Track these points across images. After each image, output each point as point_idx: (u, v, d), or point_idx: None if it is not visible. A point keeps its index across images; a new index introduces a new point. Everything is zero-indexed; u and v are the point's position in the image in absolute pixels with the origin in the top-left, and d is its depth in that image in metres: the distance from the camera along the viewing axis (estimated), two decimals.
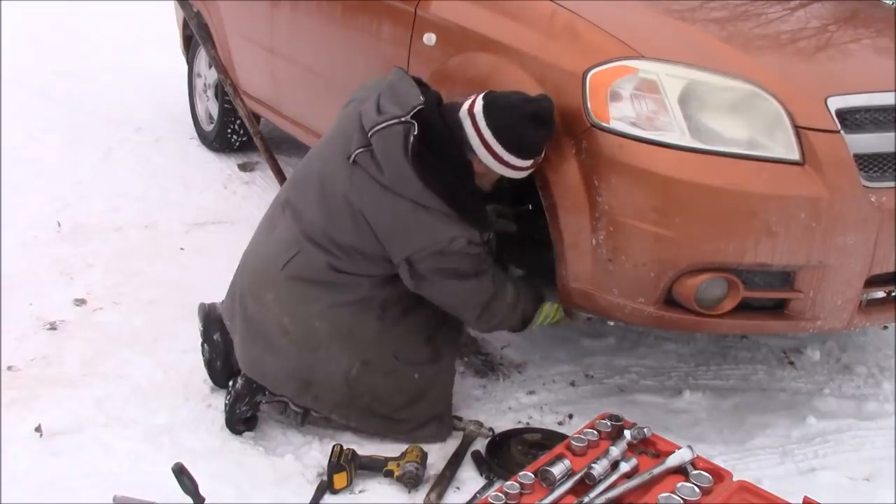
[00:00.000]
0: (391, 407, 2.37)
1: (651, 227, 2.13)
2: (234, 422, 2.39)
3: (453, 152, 2.21)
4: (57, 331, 2.90)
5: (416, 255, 2.19)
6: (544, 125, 2.18)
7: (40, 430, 2.33)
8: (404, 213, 2.17)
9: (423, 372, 2.37)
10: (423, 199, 2.16)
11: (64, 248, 3.51)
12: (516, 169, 2.23)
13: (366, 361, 2.31)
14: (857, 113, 2.23)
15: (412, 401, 2.37)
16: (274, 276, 2.32)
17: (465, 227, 2.18)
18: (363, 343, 2.31)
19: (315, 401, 2.35)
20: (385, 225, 2.20)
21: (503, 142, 2.18)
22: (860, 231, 2.17)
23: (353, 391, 2.32)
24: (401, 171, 2.16)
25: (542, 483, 2.03)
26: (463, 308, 2.33)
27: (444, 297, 2.30)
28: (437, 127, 2.20)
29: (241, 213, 4.01)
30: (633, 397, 2.69)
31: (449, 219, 2.17)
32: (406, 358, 2.35)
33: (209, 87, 4.72)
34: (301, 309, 2.30)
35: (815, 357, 2.96)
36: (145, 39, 7.03)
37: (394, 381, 2.35)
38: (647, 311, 2.23)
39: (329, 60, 3.38)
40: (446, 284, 2.24)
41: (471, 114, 2.21)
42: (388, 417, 2.37)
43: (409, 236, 2.19)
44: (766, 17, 2.66)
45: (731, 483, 2.03)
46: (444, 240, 2.16)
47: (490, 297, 2.29)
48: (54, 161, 4.47)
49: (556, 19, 2.39)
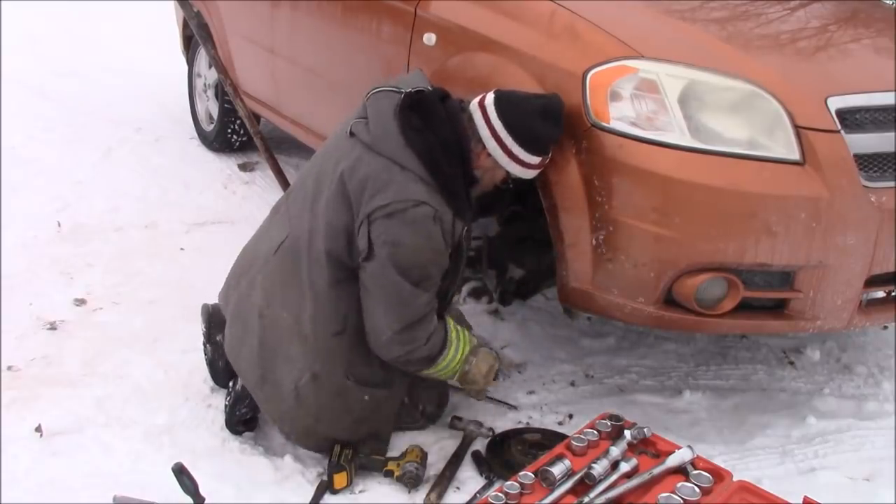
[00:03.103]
0: (334, 428, 2.27)
1: (651, 227, 2.13)
2: (234, 423, 2.39)
3: (446, 130, 2.15)
4: (57, 331, 2.90)
5: (378, 213, 2.06)
6: (554, 121, 2.17)
7: (40, 430, 2.33)
8: (380, 169, 2.09)
9: (373, 395, 2.26)
10: (401, 158, 2.09)
11: (64, 248, 3.51)
12: (524, 165, 2.20)
13: (316, 374, 2.21)
14: (857, 113, 2.23)
15: (356, 422, 2.28)
16: (266, 259, 2.31)
17: (440, 199, 2.09)
18: (317, 352, 2.21)
19: (266, 402, 2.29)
20: (358, 178, 2.11)
21: (513, 133, 2.15)
22: (860, 231, 2.17)
23: (298, 404, 2.23)
24: (385, 128, 2.13)
25: (542, 483, 2.03)
26: (388, 313, 2.13)
27: (378, 290, 2.12)
28: (433, 105, 2.18)
29: (241, 213, 4.01)
30: (633, 397, 2.69)
31: (424, 183, 2.08)
32: (358, 378, 2.24)
33: (209, 87, 4.72)
34: (278, 296, 2.26)
35: (815, 357, 2.96)
36: (145, 39, 7.03)
37: (341, 403, 2.25)
38: (647, 311, 2.23)
39: (329, 60, 3.38)
40: (388, 272, 2.08)
41: (482, 106, 2.19)
42: (328, 438, 2.28)
43: (378, 190, 2.07)
44: (766, 17, 2.66)
45: (731, 483, 2.03)
46: (409, 199, 2.05)
47: (421, 316, 2.14)
48: (54, 161, 4.47)
49: (555, 19, 2.39)
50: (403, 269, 2.09)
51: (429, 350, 2.19)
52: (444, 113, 2.18)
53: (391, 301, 2.13)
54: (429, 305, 2.17)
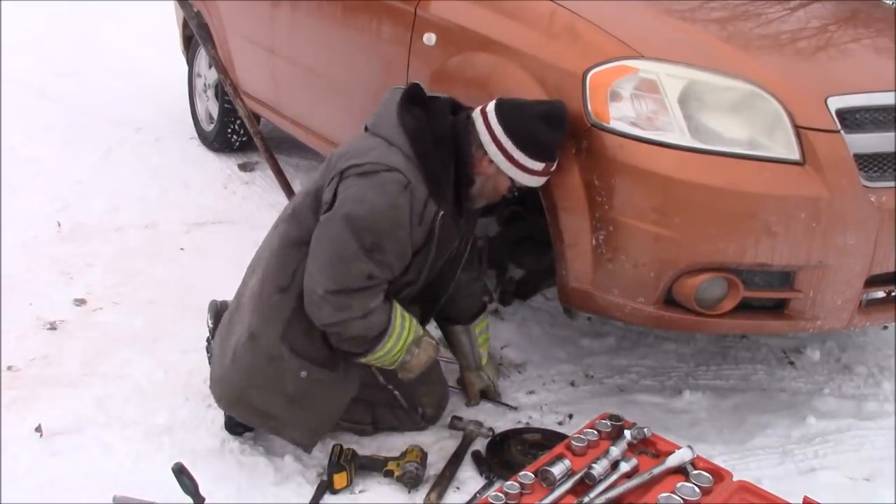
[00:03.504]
0: (266, 400, 2.22)
1: (651, 227, 2.13)
2: (234, 423, 2.39)
3: (443, 126, 2.18)
4: (57, 331, 2.90)
5: (351, 171, 2.10)
6: (556, 126, 2.16)
7: (40, 430, 2.34)
8: (367, 143, 2.18)
9: (311, 373, 2.19)
10: (391, 137, 2.15)
11: (64, 248, 3.51)
12: (526, 171, 2.18)
13: (253, 334, 2.19)
14: (857, 113, 2.23)
15: (290, 400, 2.21)
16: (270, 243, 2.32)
17: (417, 174, 2.11)
18: (260, 310, 2.20)
19: (213, 368, 2.33)
20: (342, 150, 2.20)
21: (513, 138, 2.15)
22: (860, 231, 2.17)
23: (234, 365, 2.21)
24: (386, 112, 2.19)
25: (542, 483, 2.03)
26: (325, 269, 2.09)
27: (325, 242, 2.10)
28: (441, 108, 2.22)
29: (241, 213, 4.01)
30: (633, 397, 2.69)
31: (405, 157, 2.11)
32: (294, 345, 2.18)
33: (209, 87, 4.72)
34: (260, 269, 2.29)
35: (815, 357, 2.96)
36: (145, 39, 7.03)
37: (274, 371, 2.18)
38: (647, 311, 2.23)
39: (329, 60, 3.38)
40: (340, 226, 2.07)
41: (483, 113, 2.20)
42: (258, 410, 2.24)
43: (356, 155, 2.14)
44: (766, 17, 2.66)
45: (731, 483, 2.03)
46: (384, 164, 2.08)
47: (357, 287, 2.09)
48: (54, 161, 4.47)
49: (556, 19, 2.39)
50: (356, 229, 2.06)
51: (364, 329, 2.13)
52: (449, 116, 2.22)
53: (332, 257, 2.09)
54: (372, 280, 2.10)
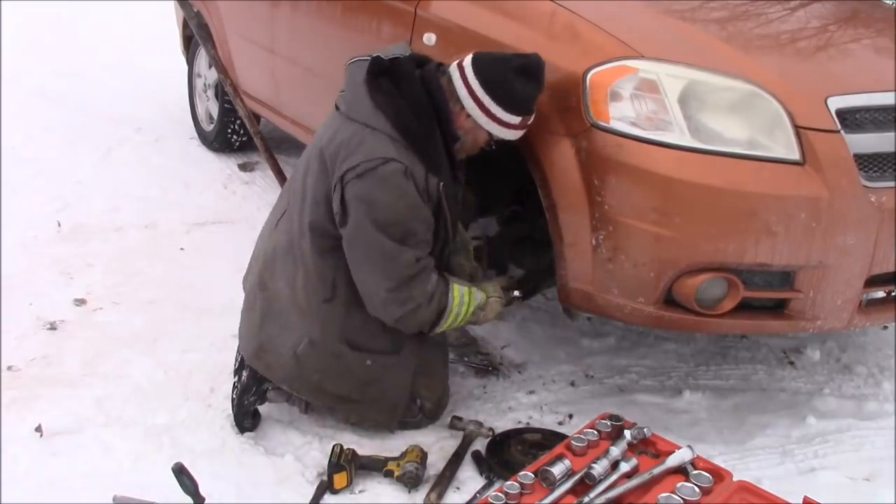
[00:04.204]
0: (342, 389, 2.33)
1: (651, 227, 2.13)
2: (242, 414, 2.40)
3: (416, 91, 2.18)
4: (57, 331, 2.90)
5: (349, 175, 2.11)
6: (533, 78, 2.16)
7: (40, 430, 2.34)
8: (351, 133, 2.16)
9: (376, 360, 2.31)
10: (371, 121, 2.15)
11: (64, 248, 3.51)
12: (505, 125, 2.19)
13: (313, 341, 2.27)
14: (857, 113, 2.23)
15: (364, 384, 2.33)
16: (270, 233, 2.41)
17: (410, 155, 2.12)
18: (312, 319, 2.27)
19: (267, 369, 2.35)
20: (334, 148, 2.17)
21: (491, 93, 2.15)
22: (860, 231, 2.17)
23: (300, 367, 2.30)
24: (356, 93, 2.18)
25: (542, 483, 2.03)
26: (375, 272, 2.16)
27: (361, 251, 2.16)
28: (406, 69, 2.21)
29: (241, 213, 4.01)
30: (633, 397, 2.69)
31: (392, 141, 2.12)
32: (357, 344, 2.28)
33: (209, 87, 4.72)
34: (277, 269, 2.33)
35: (815, 357, 2.96)
36: (145, 39, 7.03)
37: (342, 366, 2.30)
38: (647, 311, 2.23)
39: (329, 60, 3.37)
40: (366, 231, 2.11)
41: (460, 66, 2.20)
42: (340, 397, 2.36)
43: (348, 154, 2.13)
44: (766, 17, 2.66)
45: (731, 483, 2.03)
46: (378, 157, 2.09)
47: (411, 275, 2.16)
48: (54, 161, 4.47)
49: (556, 19, 2.39)
50: (381, 226, 2.11)
51: (433, 312, 2.22)
52: (419, 76, 2.21)
53: (374, 260, 2.15)
54: (420, 264, 2.17)
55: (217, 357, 2.73)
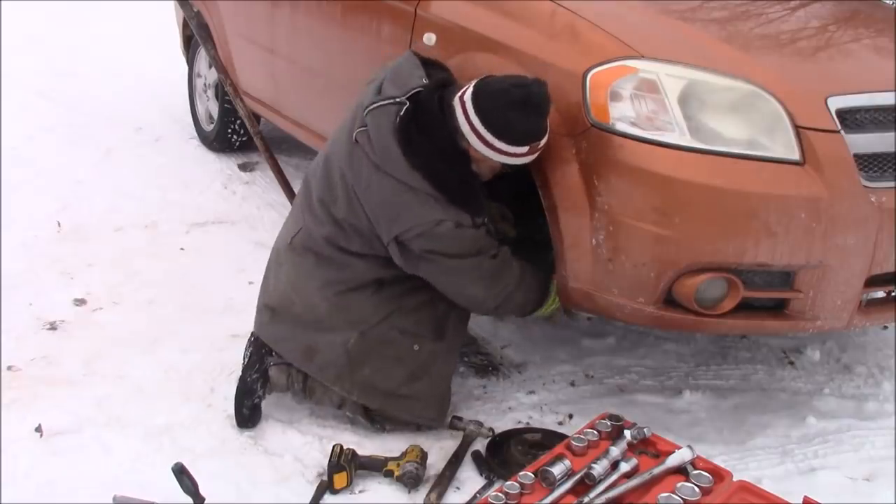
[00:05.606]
0: (392, 381, 2.36)
1: (651, 227, 2.13)
2: (243, 394, 2.40)
3: (444, 135, 2.19)
4: (57, 331, 2.90)
5: (405, 236, 2.18)
6: (534, 111, 2.14)
7: (40, 430, 2.34)
8: (390, 192, 2.18)
9: (423, 345, 2.36)
10: (408, 179, 2.16)
11: (64, 248, 3.51)
12: (511, 155, 2.19)
13: (363, 332, 2.33)
14: (857, 113, 2.23)
15: (412, 376, 2.36)
16: (285, 249, 2.44)
17: (454, 210, 2.16)
18: (360, 315, 2.33)
19: (319, 371, 2.37)
20: (374, 203, 2.21)
21: (491, 129, 2.15)
22: (860, 231, 2.17)
23: (352, 362, 2.33)
24: (388, 150, 2.18)
25: (542, 483, 2.03)
26: (470, 284, 2.29)
27: (448, 276, 2.27)
28: (430, 110, 2.20)
29: (241, 213, 4.01)
30: (633, 397, 2.69)
31: (435, 201, 2.16)
32: (405, 328, 2.35)
33: (209, 87, 4.72)
34: (302, 283, 2.38)
35: (815, 357, 2.96)
36: (145, 39, 7.03)
37: (392, 351, 2.34)
38: (647, 311, 2.23)
39: (329, 60, 3.38)
40: (445, 262, 2.23)
41: (461, 101, 2.20)
42: (390, 393, 2.37)
43: (395, 216, 2.18)
44: (766, 17, 2.66)
45: (731, 483, 2.03)
46: (429, 222, 2.15)
47: (496, 271, 2.29)
48: (54, 161, 4.47)
49: (556, 19, 2.39)
50: (455, 255, 2.22)
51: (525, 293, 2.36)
52: (442, 117, 2.20)
53: (463, 279, 2.28)
54: (497, 258, 2.29)
55: (217, 357, 2.73)
